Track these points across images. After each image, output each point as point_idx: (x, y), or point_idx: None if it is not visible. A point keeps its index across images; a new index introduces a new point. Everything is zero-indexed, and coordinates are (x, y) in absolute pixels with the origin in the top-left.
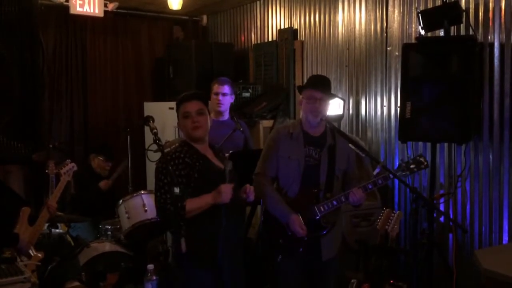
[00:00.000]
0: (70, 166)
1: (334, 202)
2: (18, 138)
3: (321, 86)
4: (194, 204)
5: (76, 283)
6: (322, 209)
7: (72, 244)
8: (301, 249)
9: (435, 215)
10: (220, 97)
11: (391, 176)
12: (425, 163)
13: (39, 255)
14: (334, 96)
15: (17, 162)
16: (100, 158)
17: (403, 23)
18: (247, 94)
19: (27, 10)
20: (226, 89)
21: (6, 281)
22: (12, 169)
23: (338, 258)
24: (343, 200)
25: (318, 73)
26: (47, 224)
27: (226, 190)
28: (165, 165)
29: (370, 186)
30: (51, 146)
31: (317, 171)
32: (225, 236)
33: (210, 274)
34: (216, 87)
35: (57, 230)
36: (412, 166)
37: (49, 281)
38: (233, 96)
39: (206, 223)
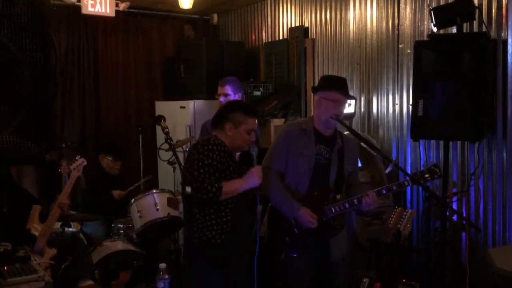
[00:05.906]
0: (80, 162)
1: (347, 205)
2: (31, 138)
3: (347, 90)
4: (229, 187)
5: (90, 282)
6: (333, 210)
7: (85, 242)
8: (305, 253)
9: (448, 213)
10: (222, 99)
11: (405, 184)
12: (439, 173)
13: (52, 252)
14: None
15: (30, 162)
16: (109, 158)
17: (415, 20)
18: (258, 93)
19: (40, 11)
20: (227, 89)
21: (20, 280)
22: (26, 169)
23: (348, 257)
24: (356, 203)
25: (329, 71)
26: (60, 223)
27: (257, 171)
28: (207, 148)
29: (384, 191)
30: (63, 145)
31: (327, 171)
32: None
33: (223, 274)
34: (218, 89)
35: (70, 229)
36: (426, 175)
37: (63, 280)
38: (239, 94)
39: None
